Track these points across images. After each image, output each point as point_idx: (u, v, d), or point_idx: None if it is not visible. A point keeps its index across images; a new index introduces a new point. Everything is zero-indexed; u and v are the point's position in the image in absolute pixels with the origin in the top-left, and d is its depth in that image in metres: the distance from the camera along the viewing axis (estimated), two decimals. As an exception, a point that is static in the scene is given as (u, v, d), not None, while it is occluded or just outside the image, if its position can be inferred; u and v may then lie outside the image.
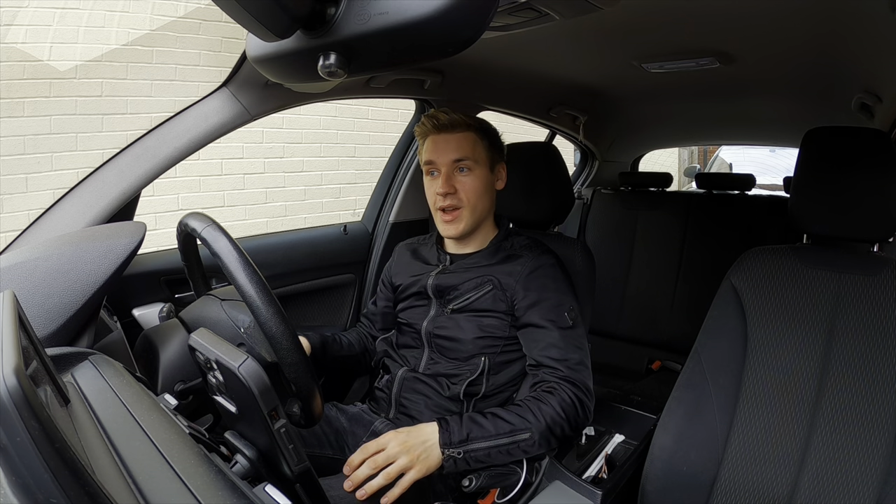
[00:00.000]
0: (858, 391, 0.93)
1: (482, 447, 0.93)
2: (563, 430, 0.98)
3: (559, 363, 1.02)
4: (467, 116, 1.16)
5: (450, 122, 1.14)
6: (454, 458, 0.92)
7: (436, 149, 1.14)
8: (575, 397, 0.99)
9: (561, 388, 1.00)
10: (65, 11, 2.53)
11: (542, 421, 0.96)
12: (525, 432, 0.95)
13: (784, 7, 1.03)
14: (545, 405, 0.98)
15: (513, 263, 1.13)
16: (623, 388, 2.02)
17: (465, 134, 1.14)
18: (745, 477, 0.98)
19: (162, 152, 1.09)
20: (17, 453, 0.32)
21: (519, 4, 0.92)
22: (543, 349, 1.05)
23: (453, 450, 0.92)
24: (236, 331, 0.95)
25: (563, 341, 1.04)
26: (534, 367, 1.06)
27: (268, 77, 0.72)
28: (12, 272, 0.79)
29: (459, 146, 1.13)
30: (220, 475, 0.50)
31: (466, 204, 1.13)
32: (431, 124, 1.15)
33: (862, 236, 0.99)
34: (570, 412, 0.98)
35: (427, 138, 1.17)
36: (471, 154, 1.13)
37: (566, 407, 0.98)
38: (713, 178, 2.43)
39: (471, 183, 1.14)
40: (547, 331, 1.05)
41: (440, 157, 1.13)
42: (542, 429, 0.96)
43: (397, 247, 1.35)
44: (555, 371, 1.02)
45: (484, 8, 0.48)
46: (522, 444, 0.95)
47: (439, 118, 1.14)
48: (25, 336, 0.45)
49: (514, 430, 0.95)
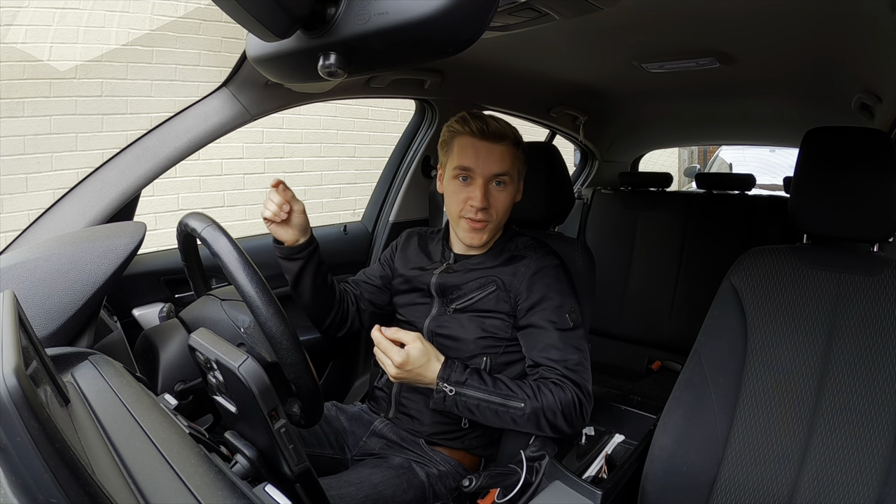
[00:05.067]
0: (858, 391, 0.93)
1: (475, 396, 0.96)
2: (556, 419, 0.97)
3: (558, 364, 1.02)
4: (509, 126, 1.10)
5: (499, 132, 1.07)
6: (445, 392, 0.96)
7: (477, 156, 1.07)
8: (574, 396, 0.99)
9: (563, 383, 1.00)
10: (65, 11, 2.53)
11: (538, 401, 0.97)
12: (519, 402, 0.97)
13: (784, 7, 1.03)
14: (546, 391, 0.98)
15: (517, 264, 1.12)
16: (623, 388, 2.02)
17: (509, 147, 1.08)
18: (745, 477, 0.98)
19: (162, 152, 1.09)
20: (17, 453, 0.32)
21: (519, 4, 0.92)
22: (542, 350, 1.04)
23: (448, 385, 0.96)
24: (236, 331, 0.95)
25: (562, 342, 1.04)
26: (532, 368, 1.06)
27: (268, 77, 0.72)
28: (12, 272, 0.79)
29: (502, 159, 1.07)
30: (220, 475, 0.50)
31: (494, 219, 1.10)
32: (477, 128, 1.06)
33: (862, 236, 0.99)
34: (568, 407, 0.98)
35: (464, 139, 1.08)
36: (510, 169, 1.09)
37: (565, 400, 0.98)
38: (713, 178, 2.43)
39: (504, 199, 1.10)
40: (546, 332, 1.05)
41: (482, 167, 1.07)
42: (536, 407, 0.96)
43: (406, 231, 1.32)
44: (553, 371, 1.02)
45: (484, 8, 0.48)
46: (512, 410, 0.97)
47: (489, 124, 1.07)
48: (25, 336, 0.45)
49: (511, 395, 0.97)
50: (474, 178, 1.08)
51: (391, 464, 1.08)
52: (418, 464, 1.09)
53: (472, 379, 0.97)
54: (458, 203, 1.10)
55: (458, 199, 1.10)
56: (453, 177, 1.10)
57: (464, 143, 1.08)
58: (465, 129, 1.08)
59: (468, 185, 1.09)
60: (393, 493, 1.01)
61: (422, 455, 1.11)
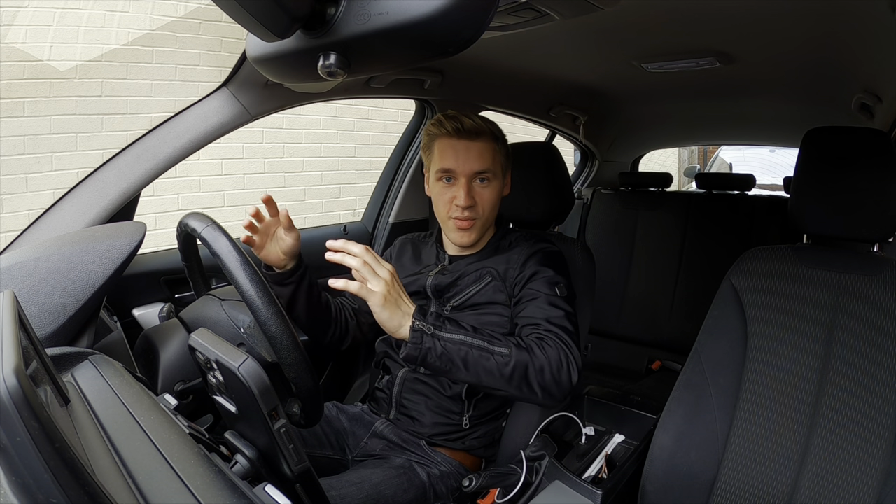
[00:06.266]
0: (858, 391, 0.93)
1: (454, 338, 0.86)
2: (542, 374, 0.90)
3: (541, 320, 0.98)
4: (486, 121, 1.10)
5: (475, 129, 1.06)
6: (423, 332, 0.84)
7: (456, 157, 1.06)
8: (560, 350, 0.93)
9: (547, 337, 0.95)
10: (65, 11, 2.53)
11: (523, 352, 0.90)
12: (504, 348, 0.89)
13: (784, 7, 1.03)
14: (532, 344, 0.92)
15: (510, 253, 1.13)
16: (623, 388, 2.02)
17: (487, 143, 1.08)
18: (745, 477, 0.98)
19: (162, 152, 1.09)
20: (17, 453, 0.32)
21: (519, 4, 0.92)
22: (528, 312, 1.01)
23: (424, 325, 0.85)
24: (236, 331, 0.95)
25: (546, 304, 1.01)
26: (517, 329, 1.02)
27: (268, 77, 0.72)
28: (12, 272, 0.79)
29: (482, 156, 1.07)
30: (220, 475, 0.50)
31: (482, 215, 1.10)
32: (453, 128, 1.06)
33: (862, 236, 0.99)
34: (554, 361, 0.91)
35: (443, 141, 1.08)
36: (491, 165, 1.08)
37: (550, 354, 0.91)
38: (713, 178, 2.43)
39: (489, 195, 1.10)
40: (535, 300, 1.03)
41: (462, 165, 1.06)
42: (521, 358, 0.89)
43: (399, 239, 1.32)
44: (537, 326, 0.98)
45: (484, 8, 0.48)
46: (497, 356, 0.87)
47: (464, 122, 1.06)
48: (25, 336, 0.45)
49: (493, 341, 0.89)
50: (457, 178, 1.08)
51: (392, 464, 1.07)
52: (419, 464, 1.09)
53: (449, 325, 0.88)
54: (445, 204, 1.10)
55: (444, 200, 1.10)
56: (437, 179, 1.11)
57: (443, 144, 1.08)
58: (442, 130, 1.08)
59: (452, 185, 1.09)
60: (394, 493, 1.01)
61: (423, 456, 1.11)
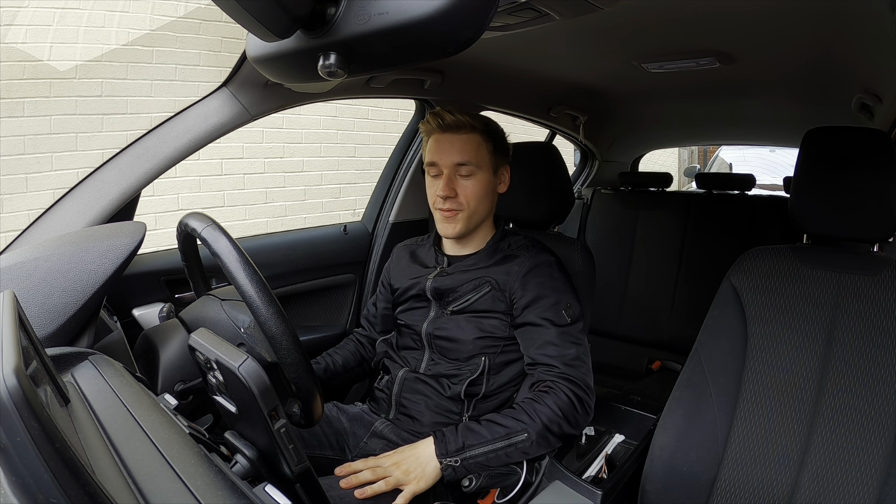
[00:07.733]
0: (858, 391, 0.93)
1: (479, 453, 0.94)
2: (562, 427, 0.98)
3: (555, 360, 1.02)
4: (473, 117, 1.13)
5: (455, 123, 1.11)
6: (452, 466, 0.94)
7: (439, 149, 1.12)
8: (573, 394, 0.99)
9: (557, 386, 1.00)
10: (65, 11, 2.53)
11: (537, 421, 0.96)
12: (521, 433, 0.95)
13: (784, 7, 1.03)
14: (540, 405, 0.98)
15: (510, 263, 1.13)
16: (623, 388, 2.02)
17: (470, 136, 1.11)
18: (745, 477, 0.98)
19: (162, 152, 1.09)
20: (17, 453, 0.32)
21: (519, 4, 0.92)
22: (540, 347, 1.05)
23: (450, 459, 0.94)
24: (236, 331, 0.95)
25: (559, 338, 1.04)
26: (531, 366, 1.06)
27: (268, 77, 0.72)
28: (12, 272, 0.79)
29: (463, 149, 1.10)
30: (220, 475, 0.50)
31: (465, 207, 1.12)
32: (436, 123, 1.12)
33: (862, 236, 0.99)
34: (568, 410, 0.98)
35: (431, 137, 1.14)
36: (474, 158, 1.11)
37: (563, 405, 0.98)
38: (713, 178, 2.43)
39: (472, 187, 1.12)
40: (543, 329, 1.05)
41: (443, 158, 1.11)
42: (538, 429, 0.96)
43: (396, 248, 1.35)
44: (551, 369, 1.02)
45: (484, 8, 0.48)
46: (520, 445, 0.95)
47: (444, 118, 1.11)
48: (25, 336, 0.45)
49: (510, 432, 0.96)
50: (441, 171, 1.12)
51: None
52: (418, 464, 1.09)
53: (468, 438, 0.96)
54: (432, 197, 1.15)
55: (432, 192, 1.15)
56: (427, 173, 1.16)
57: (431, 140, 1.14)
58: (428, 126, 1.14)
59: (438, 178, 1.13)
60: (394, 493, 1.01)
61: (422, 455, 1.11)
